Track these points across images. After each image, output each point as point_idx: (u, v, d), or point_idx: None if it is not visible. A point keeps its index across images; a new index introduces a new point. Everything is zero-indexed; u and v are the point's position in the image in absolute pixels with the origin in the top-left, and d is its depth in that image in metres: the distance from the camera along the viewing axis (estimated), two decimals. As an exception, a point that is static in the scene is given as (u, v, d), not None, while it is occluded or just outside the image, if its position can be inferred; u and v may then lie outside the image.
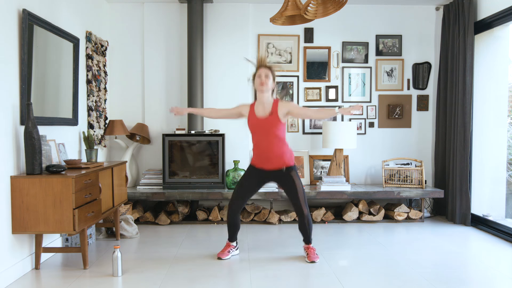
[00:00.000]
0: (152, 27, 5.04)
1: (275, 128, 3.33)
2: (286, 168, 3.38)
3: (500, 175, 4.61)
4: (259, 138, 3.38)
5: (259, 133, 3.37)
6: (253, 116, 3.38)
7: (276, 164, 3.38)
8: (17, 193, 3.00)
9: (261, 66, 3.40)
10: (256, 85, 3.38)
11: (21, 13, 3.12)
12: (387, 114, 5.24)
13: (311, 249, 3.50)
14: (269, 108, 3.36)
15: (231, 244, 3.56)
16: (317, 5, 3.05)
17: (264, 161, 3.40)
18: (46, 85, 3.57)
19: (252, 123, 3.38)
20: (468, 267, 3.32)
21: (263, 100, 3.39)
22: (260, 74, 3.35)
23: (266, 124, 3.33)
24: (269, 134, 3.33)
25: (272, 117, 3.33)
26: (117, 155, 5.05)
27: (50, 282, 3.00)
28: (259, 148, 3.40)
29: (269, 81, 3.35)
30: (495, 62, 4.56)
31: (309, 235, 3.49)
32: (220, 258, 3.46)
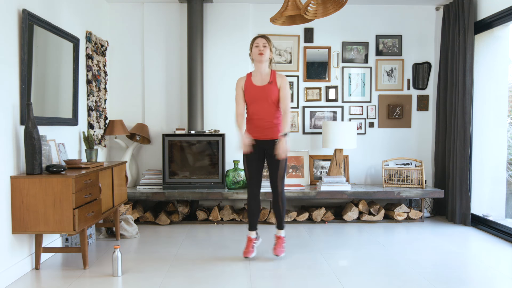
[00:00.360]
0: (152, 27, 5.04)
1: (273, 96, 3.35)
2: (278, 140, 3.38)
3: (500, 175, 4.61)
4: (256, 106, 3.38)
5: (258, 101, 3.37)
6: (251, 84, 3.39)
7: (271, 134, 3.40)
8: (17, 193, 3.00)
9: (258, 37, 3.41)
10: (254, 54, 3.38)
11: (21, 13, 3.12)
12: (387, 114, 5.24)
13: (281, 239, 3.50)
14: (268, 77, 3.39)
15: (252, 238, 3.53)
16: (317, 5, 3.05)
17: (260, 131, 3.40)
18: (46, 85, 3.57)
19: (250, 91, 3.38)
20: (468, 267, 3.32)
21: (260, 70, 3.40)
22: (258, 44, 3.37)
23: (265, 91, 3.34)
24: (267, 101, 3.35)
25: (271, 85, 3.36)
26: (117, 155, 5.05)
27: (50, 282, 3.00)
28: (256, 117, 3.40)
29: (267, 50, 3.37)
30: (495, 62, 4.56)
31: (282, 218, 3.51)
32: (247, 257, 3.44)
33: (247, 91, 3.41)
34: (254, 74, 3.45)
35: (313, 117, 5.20)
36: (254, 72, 3.45)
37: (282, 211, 3.49)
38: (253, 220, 3.55)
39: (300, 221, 4.75)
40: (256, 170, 3.47)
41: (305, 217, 4.75)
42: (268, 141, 3.42)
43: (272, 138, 3.41)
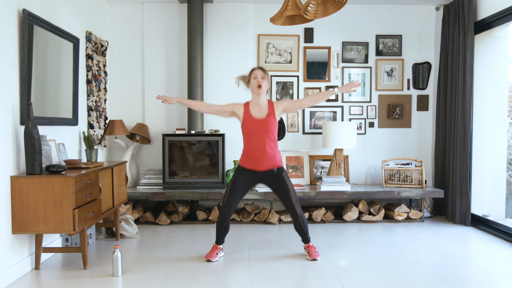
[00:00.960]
0: (152, 27, 5.04)
1: (272, 128, 3.36)
2: (277, 169, 3.41)
3: (500, 175, 4.61)
4: (254, 139, 3.37)
5: (256, 134, 3.36)
6: (249, 117, 3.37)
7: (268, 165, 3.39)
8: (17, 193, 3.00)
9: (256, 68, 3.42)
10: (253, 86, 3.38)
11: (21, 13, 3.12)
12: (387, 114, 5.24)
13: (311, 247, 3.52)
14: (266, 109, 3.38)
15: (219, 247, 3.55)
16: (317, 5, 3.05)
17: (257, 162, 3.39)
18: (46, 85, 3.57)
19: (249, 124, 3.37)
20: (468, 267, 3.32)
21: (258, 102, 3.40)
22: (256, 76, 3.37)
23: (264, 125, 3.34)
24: (265, 135, 3.35)
25: (269, 117, 3.36)
26: (117, 155, 5.05)
27: (50, 282, 3.00)
28: (253, 149, 3.38)
29: (265, 82, 3.38)
30: (495, 62, 4.56)
31: (306, 233, 3.51)
32: (209, 260, 3.44)
33: (246, 123, 3.38)
34: (252, 105, 3.42)
35: (313, 117, 5.20)
36: (252, 103, 3.43)
37: (305, 229, 3.51)
38: (222, 236, 3.53)
39: (300, 221, 4.75)
40: (237, 198, 3.46)
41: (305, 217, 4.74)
42: (266, 172, 3.41)
43: (271, 168, 3.40)
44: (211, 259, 3.44)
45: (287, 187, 3.41)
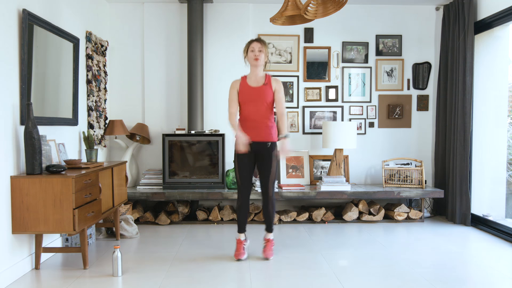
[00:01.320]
0: (152, 27, 5.04)
1: (268, 97, 3.38)
2: (271, 143, 3.42)
3: (500, 175, 4.61)
4: (251, 107, 3.39)
5: (252, 101, 3.38)
6: (246, 86, 3.41)
7: (264, 135, 3.40)
8: (17, 193, 3.00)
9: (254, 41, 3.42)
10: (250, 59, 3.40)
11: (21, 13, 3.12)
12: (387, 114, 5.24)
13: (270, 242, 3.51)
14: (262, 79, 3.42)
15: (242, 240, 3.54)
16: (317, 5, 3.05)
17: (254, 132, 3.39)
18: (46, 85, 3.57)
19: (245, 92, 3.39)
20: (468, 267, 3.32)
21: (256, 73, 3.43)
22: (254, 48, 3.38)
23: (260, 92, 3.37)
24: (262, 102, 3.37)
25: (266, 86, 3.39)
26: (117, 155, 5.05)
27: (50, 282, 3.00)
28: (250, 118, 3.40)
29: (262, 55, 3.39)
30: (495, 62, 4.56)
31: (272, 221, 3.52)
32: (239, 259, 3.44)
33: (242, 92, 3.41)
34: (249, 76, 3.47)
35: (313, 117, 5.20)
36: (249, 74, 3.48)
37: (272, 215, 3.51)
38: (243, 222, 3.55)
39: (300, 221, 4.75)
40: (248, 172, 3.46)
41: (305, 217, 4.75)
42: (260, 143, 3.42)
43: (265, 140, 3.41)
44: (241, 258, 3.44)
45: (270, 166, 3.43)
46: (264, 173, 3.45)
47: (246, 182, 3.47)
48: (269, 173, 3.43)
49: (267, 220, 3.54)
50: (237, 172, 3.47)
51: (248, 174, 3.46)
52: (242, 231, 3.56)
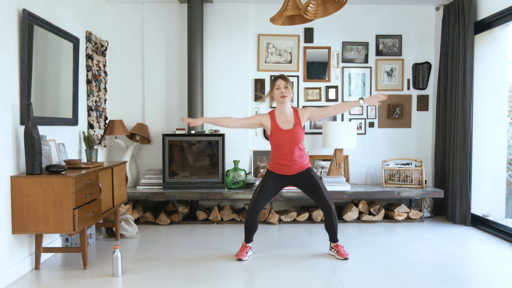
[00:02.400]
0: (152, 27, 5.04)
1: (300, 138, 3.44)
2: (305, 169, 3.48)
3: (500, 175, 4.61)
4: (285, 149, 3.43)
5: (285, 144, 3.42)
6: (277, 128, 3.44)
7: (298, 169, 3.47)
8: (17, 193, 3.00)
9: (278, 78, 3.44)
10: (277, 97, 3.43)
11: (21, 13, 3.12)
12: (387, 114, 5.24)
13: (340, 246, 3.54)
14: (292, 119, 3.45)
15: (248, 245, 3.57)
16: (317, 5, 3.05)
17: (286, 168, 3.46)
18: (46, 85, 3.57)
19: (277, 135, 3.43)
20: (468, 267, 3.32)
21: (284, 111, 3.46)
22: (279, 86, 3.40)
23: (293, 135, 3.41)
24: (294, 144, 3.42)
25: (296, 127, 3.43)
26: (117, 155, 5.05)
27: (50, 282, 3.00)
28: (282, 157, 3.45)
29: (288, 91, 3.42)
30: (495, 62, 4.56)
31: (336, 232, 3.54)
32: (240, 259, 3.46)
33: (274, 134, 3.44)
34: (278, 115, 3.47)
35: (313, 117, 5.20)
36: (278, 112, 3.48)
37: (336, 226, 3.53)
38: (251, 235, 3.57)
39: (300, 221, 4.75)
40: (266, 197, 3.51)
41: (305, 217, 4.75)
42: (296, 174, 3.48)
43: (301, 170, 3.47)
44: (242, 258, 3.46)
45: (318, 184, 3.47)
46: (317, 193, 3.47)
47: (263, 203, 3.50)
48: (320, 190, 3.46)
49: (332, 231, 3.54)
50: (259, 191, 3.49)
51: (268, 197, 3.52)
52: (249, 241, 3.58)
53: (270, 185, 3.51)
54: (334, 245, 3.56)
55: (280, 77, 3.43)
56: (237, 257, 3.47)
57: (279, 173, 3.49)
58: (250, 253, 3.58)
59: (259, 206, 3.48)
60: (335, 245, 3.55)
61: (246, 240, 3.57)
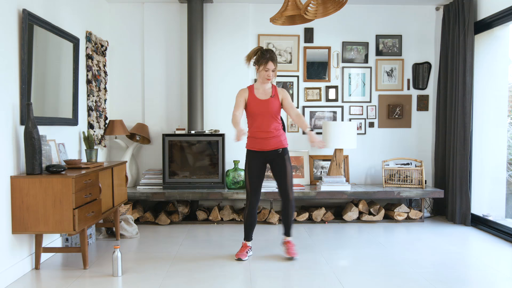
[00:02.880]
0: (152, 27, 5.04)
1: (276, 109, 3.47)
2: (282, 149, 3.49)
3: (500, 175, 4.61)
4: (260, 119, 3.45)
5: (261, 114, 3.44)
6: (254, 98, 3.47)
7: (274, 144, 3.47)
8: (17, 193, 3.00)
9: (269, 60, 3.42)
10: (262, 77, 3.45)
11: (21, 13, 3.12)
12: (387, 114, 5.24)
13: (291, 243, 3.53)
14: (270, 92, 3.50)
15: (248, 245, 3.57)
16: (317, 5, 3.05)
17: (264, 142, 3.47)
18: (46, 85, 3.57)
19: (254, 104, 3.46)
20: (468, 267, 3.32)
21: (264, 86, 3.51)
22: (268, 69, 3.42)
23: (269, 105, 3.44)
24: (270, 114, 3.44)
25: (273, 98, 3.47)
26: (117, 155, 5.05)
27: (50, 282, 3.00)
28: (259, 129, 3.46)
29: (274, 75, 3.47)
30: (495, 62, 4.56)
31: (291, 224, 3.55)
32: (240, 259, 3.46)
33: (250, 104, 3.47)
34: (256, 87, 3.52)
35: (313, 117, 5.20)
36: (257, 86, 3.53)
37: (291, 219, 3.55)
38: (250, 231, 3.59)
39: (300, 221, 4.75)
40: (258, 181, 3.52)
41: (305, 217, 4.75)
42: (272, 151, 3.48)
43: (276, 148, 3.48)
44: (242, 258, 3.46)
45: (286, 169, 3.49)
46: (281, 178, 3.50)
47: (257, 189, 3.51)
48: (285, 176, 3.49)
49: (287, 223, 3.56)
50: (248, 179, 3.51)
51: (258, 181, 3.52)
52: (249, 239, 3.59)
53: (255, 167, 3.49)
54: (285, 241, 3.55)
55: (271, 60, 3.43)
56: (237, 256, 3.47)
57: (257, 150, 3.48)
58: (251, 253, 3.58)
59: (258, 196, 3.51)
60: (287, 241, 3.54)
61: (246, 239, 3.58)
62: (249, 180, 3.51)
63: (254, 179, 3.50)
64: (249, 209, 3.53)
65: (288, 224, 3.56)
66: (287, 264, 3.36)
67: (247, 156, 3.55)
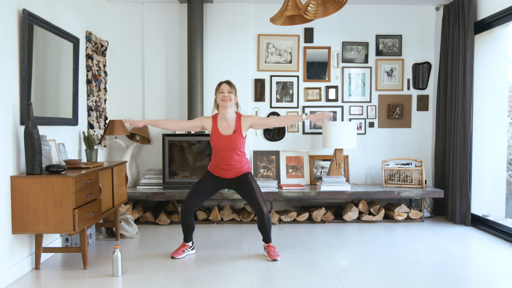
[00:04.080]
0: (152, 27, 5.04)
1: (238, 145, 3.43)
2: (242, 174, 3.50)
3: (500, 175, 4.61)
4: (221, 154, 3.45)
5: (222, 149, 3.44)
6: (216, 133, 3.45)
7: (235, 173, 3.50)
8: (17, 193, 3.00)
9: (223, 83, 3.45)
10: (219, 100, 3.42)
11: (21, 13, 3.12)
12: (387, 114, 5.24)
13: (271, 247, 3.53)
14: (233, 125, 3.44)
15: (187, 244, 3.58)
16: (317, 5, 3.05)
17: (224, 171, 3.49)
18: (46, 85, 3.57)
19: (216, 140, 3.45)
20: (468, 267, 3.32)
21: (226, 117, 3.45)
22: (223, 90, 3.41)
23: (230, 141, 3.41)
24: (232, 150, 3.43)
25: (235, 134, 3.43)
26: (117, 155, 5.05)
27: (50, 282, 3.00)
28: (220, 161, 3.48)
29: (232, 96, 3.41)
30: (495, 62, 4.56)
31: (269, 233, 3.53)
32: (173, 257, 3.48)
33: (213, 138, 3.46)
34: (220, 119, 3.47)
35: (313, 117, 5.20)
36: (220, 117, 3.48)
37: (269, 229, 3.52)
38: (188, 233, 3.57)
39: (300, 221, 4.75)
40: (202, 196, 3.53)
41: (305, 217, 4.75)
42: (234, 178, 3.52)
43: (238, 175, 3.50)
44: (175, 256, 3.48)
45: (251, 186, 3.48)
46: (250, 197, 3.49)
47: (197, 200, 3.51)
48: (254, 193, 3.47)
49: (264, 233, 3.54)
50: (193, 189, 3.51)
51: (202, 197, 3.54)
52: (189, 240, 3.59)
53: (209, 184, 3.53)
54: (265, 245, 3.55)
55: (225, 82, 3.45)
56: (172, 255, 3.49)
57: (217, 175, 3.52)
58: (190, 252, 3.59)
59: (195, 204, 3.50)
60: (267, 246, 3.54)
61: (185, 239, 3.58)
62: (197, 188, 3.50)
63: (200, 193, 3.50)
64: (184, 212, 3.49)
65: (265, 233, 3.53)
66: (287, 264, 3.36)
67: (207, 173, 3.57)
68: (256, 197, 3.46)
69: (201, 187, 3.53)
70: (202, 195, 3.54)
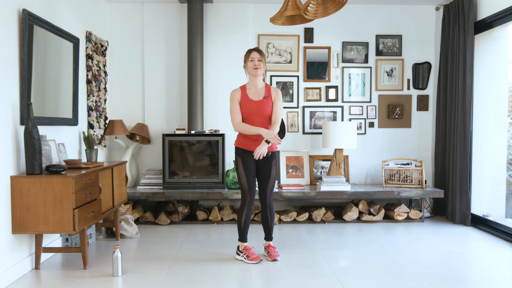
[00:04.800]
0: (152, 27, 5.04)
1: (268, 110, 3.41)
2: (271, 153, 3.44)
3: (500, 175, 4.61)
4: (252, 120, 3.40)
5: (253, 115, 3.39)
6: (247, 99, 3.41)
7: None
8: (17, 193, 3.00)
9: (253, 50, 3.42)
10: (250, 69, 3.40)
11: (21, 13, 3.12)
12: (387, 114, 5.24)
13: (271, 247, 3.52)
14: (263, 92, 3.43)
15: (249, 247, 3.52)
16: (317, 5, 3.05)
17: (253, 143, 3.41)
18: (46, 85, 3.57)
19: (246, 106, 3.40)
20: (468, 267, 3.32)
21: (256, 84, 3.43)
22: (253, 58, 3.39)
23: (262, 106, 3.39)
24: (263, 116, 3.40)
25: (266, 100, 3.41)
26: (117, 155, 5.05)
27: (50, 282, 3.00)
28: None
29: (262, 64, 3.40)
30: (495, 62, 4.56)
31: (271, 228, 3.52)
32: (259, 261, 3.38)
33: (243, 105, 3.41)
34: (249, 87, 3.46)
35: (313, 117, 5.20)
36: (249, 85, 3.46)
37: (271, 222, 3.51)
38: (246, 231, 3.51)
39: (300, 221, 4.75)
40: (253, 179, 3.47)
41: (305, 217, 4.75)
42: None
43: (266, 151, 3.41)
44: (260, 259, 3.40)
45: (270, 173, 3.46)
46: (264, 181, 3.47)
47: (252, 187, 3.45)
48: (268, 180, 3.45)
49: (267, 227, 3.52)
50: (243, 177, 3.43)
51: (253, 179, 3.47)
52: (246, 240, 3.51)
53: (251, 165, 3.42)
54: (266, 245, 3.54)
55: (255, 50, 3.41)
56: (255, 260, 3.37)
57: (246, 149, 3.42)
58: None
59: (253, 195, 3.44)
60: (268, 245, 3.53)
61: (243, 240, 3.49)
62: (246, 179, 3.43)
63: (251, 179, 3.44)
64: (245, 207, 3.45)
65: (268, 228, 3.52)
66: (287, 264, 3.36)
67: (239, 154, 3.46)
68: (268, 185, 3.45)
69: (249, 173, 3.42)
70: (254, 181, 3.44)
